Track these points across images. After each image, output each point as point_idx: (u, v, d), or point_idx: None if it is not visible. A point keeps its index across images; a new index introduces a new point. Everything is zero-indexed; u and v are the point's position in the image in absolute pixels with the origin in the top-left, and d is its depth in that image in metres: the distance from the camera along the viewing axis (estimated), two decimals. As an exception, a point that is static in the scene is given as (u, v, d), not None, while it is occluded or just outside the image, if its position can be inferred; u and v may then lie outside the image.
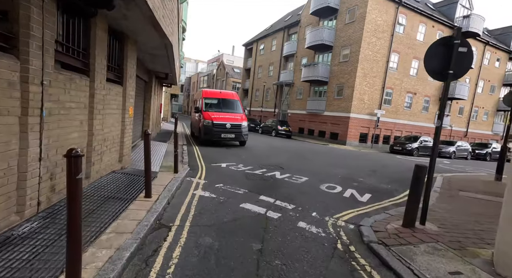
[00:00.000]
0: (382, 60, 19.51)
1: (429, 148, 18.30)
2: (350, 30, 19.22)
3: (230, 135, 10.55)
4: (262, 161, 8.29)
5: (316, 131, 22.25)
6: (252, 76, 33.93)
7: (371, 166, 9.69)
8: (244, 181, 5.47)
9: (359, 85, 18.85)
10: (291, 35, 27.14)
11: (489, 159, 21.22)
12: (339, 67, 20.23)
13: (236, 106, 11.81)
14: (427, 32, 21.34)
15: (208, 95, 11.64)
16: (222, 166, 6.88)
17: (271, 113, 28.91)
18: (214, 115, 10.54)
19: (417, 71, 21.78)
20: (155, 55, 6.65)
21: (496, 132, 29.92)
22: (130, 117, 5.17)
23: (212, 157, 8.24)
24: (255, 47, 33.78)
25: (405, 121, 22.07)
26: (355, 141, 19.59)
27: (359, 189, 5.74)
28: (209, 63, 58.95)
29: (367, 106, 19.63)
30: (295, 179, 6.08)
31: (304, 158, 9.90)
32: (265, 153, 10.23)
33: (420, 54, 21.41)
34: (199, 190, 4.56)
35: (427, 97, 23.12)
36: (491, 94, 28.20)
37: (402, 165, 11.35)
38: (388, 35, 19.34)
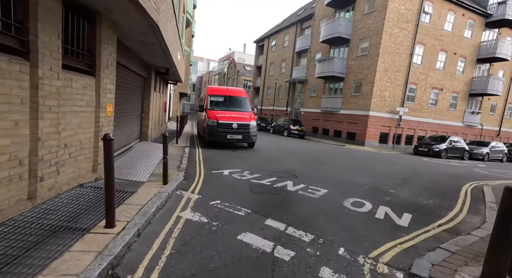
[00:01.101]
0: (405, 53, 17.80)
1: (459, 149, 16.55)
2: (370, 20, 17.64)
3: (237, 136, 9.51)
4: (272, 166, 7.18)
5: (332, 131, 20.81)
6: (264, 74, 32.78)
7: (400, 172, 8.33)
8: (248, 195, 4.39)
9: (379, 80, 17.27)
10: (304, 29, 25.75)
11: (527, 161, 19.02)
12: (357, 61, 18.69)
13: (244, 104, 10.75)
14: (456, 22, 19.34)
15: (214, 92, 10.65)
16: (224, 174, 5.83)
17: (283, 112, 27.67)
18: (219, 114, 9.54)
19: (444, 65, 19.83)
20: (146, 44, 5.70)
21: (533, 131, 27.15)
22: (109, 116, 4.22)
23: (215, 161, 7.22)
24: (266, 43, 32.60)
25: (429, 120, 20.19)
26: (374, 141, 18.03)
27: (393, 206, 4.51)
28: (220, 61, 58.35)
29: (388, 104, 18.00)
30: (312, 192, 4.93)
31: (321, 162, 8.69)
32: (275, 156, 9.11)
33: (447, 45, 19.50)
34: (187, 210, 3.52)
35: (455, 94, 21.07)
36: (527, 90, 25.52)
37: (435, 170, 9.87)
38: (412, 26, 17.60)
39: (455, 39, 19.69)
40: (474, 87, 21.49)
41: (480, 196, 6.08)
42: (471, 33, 20.40)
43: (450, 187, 6.80)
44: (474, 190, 6.68)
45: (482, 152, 17.33)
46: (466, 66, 20.93)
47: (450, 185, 7.07)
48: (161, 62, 7.96)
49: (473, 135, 22.95)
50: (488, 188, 6.76)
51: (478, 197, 5.98)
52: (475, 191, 6.63)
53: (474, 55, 21.00)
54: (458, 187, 7.01)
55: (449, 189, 6.59)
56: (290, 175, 6.27)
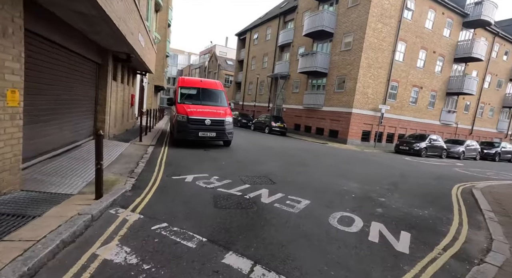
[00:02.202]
0: (388, 49, 17.50)
1: (438, 147, 16.59)
2: (354, 14, 17.09)
3: (210, 133, 8.44)
4: (247, 169, 6.24)
5: (314, 129, 20.26)
6: (245, 68, 31.64)
7: (387, 175, 7.73)
8: (209, 213, 3.40)
9: (362, 77, 16.84)
10: (287, 23, 24.88)
11: (498, 159, 19.65)
12: (340, 56, 18.15)
13: (219, 98, 9.68)
14: (436, 20, 19.37)
15: (186, 84, 9.47)
16: (187, 181, 4.79)
17: (265, 108, 26.80)
18: (190, 109, 8.41)
19: (424, 63, 19.87)
20: (87, 17, 4.47)
21: (501, 130, 28.47)
22: (11, 106, 3.03)
23: (180, 163, 6.14)
24: (248, 36, 31.40)
25: (410, 118, 20.24)
26: (357, 139, 17.68)
27: (387, 221, 3.74)
28: (201, 55, 56.25)
29: (371, 101, 17.67)
30: (291, 204, 4.04)
31: (302, 164, 7.87)
32: (253, 157, 8.18)
33: (428, 44, 19.50)
34: (113, 242, 2.46)
35: (434, 92, 21.29)
36: (498, 90, 26.59)
37: (419, 171, 9.44)
38: (395, 21, 17.29)
39: (435, 37, 19.75)
40: (451, 86, 21.84)
41: (472, 202, 5.58)
42: (449, 32, 20.59)
43: (440, 192, 6.26)
44: (464, 194, 6.21)
45: (458, 150, 17.56)
46: (444, 65, 21.17)
47: (439, 189, 6.54)
48: (116, 45, 6.67)
49: (449, 133, 23.47)
50: (478, 192, 6.30)
51: (471, 203, 5.47)
52: (465, 195, 6.15)
53: (451, 54, 21.27)
54: (447, 190, 6.52)
55: (440, 194, 6.04)
56: (266, 180, 5.35)
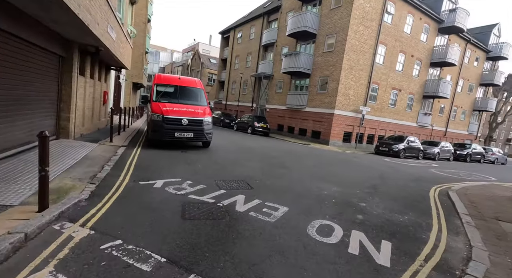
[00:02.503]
0: (369, 51, 17.80)
1: (415, 149, 17.09)
2: (336, 16, 17.21)
3: (188, 134, 7.99)
4: (225, 172, 5.89)
5: (297, 129, 20.23)
6: (229, 67, 31.16)
7: (367, 177, 7.68)
8: (174, 226, 3.02)
9: (344, 78, 17.00)
10: (271, 22, 24.72)
11: (469, 160, 20.64)
12: (323, 58, 18.22)
13: (199, 97, 9.24)
14: (414, 25, 20.00)
15: (162, 81, 8.94)
16: (156, 186, 4.37)
17: (249, 108, 26.49)
18: (166, 108, 7.91)
19: (403, 67, 20.46)
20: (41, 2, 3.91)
21: (471, 132, 30.06)
22: None
23: (151, 166, 5.68)
24: (232, 35, 30.95)
25: (389, 120, 20.76)
26: (338, 141, 17.83)
27: (368, 230, 3.55)
28: (184, 52, 54.92)
29: (352, 103, 17.90)
30: (268, 212, 3.75)
31: (283, 166, 7.64)
32: (233, 158, 7.83)
33: (406, 48, 20.09)
34: (46, 268, 2.01)
35: (411, 95, 22.01)
36: (469, 94, 28.03)
37: (398, 172, 9.54)
38: (376, 25, 17.62)
39: (413, 42, 20.39)
40: (427, 90, 22.68)
41: (449, 205, 5.60)
42: (426, 37, 21.36)
43: (418, 194, 6.26)
44: (441, 197, 6.26)
45: (434, 151, 18.21)
46: (421, 69, 21.94)
47: (418, 191, 6.55)
48: (81, 36, 6.06)
49: (425, 135, 24.38)
50: (455, 195, 6.37)
51: (448, 206, 5.48)
52: (442, 197, 6.21)
53: (428, 58, 22.09)
54: (425, 192, 6.56)
55: (418, 196, 6.03)
56: (244, 185, 5.04)
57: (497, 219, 4.76)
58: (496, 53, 27.70)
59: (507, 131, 57.07)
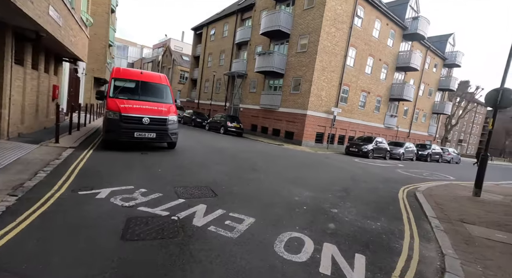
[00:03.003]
0: (340, 54, 18.14)
1: (382, 149, 17.72)
2: (309, 17, 17.26)
3: (149, 134, 7.21)
4: (189, 177, 5.30)
5: (270, 130, 20.02)
6: (202, 65, 30.12)
7: (339, 179, 7.56)
8: (109, 251, 2.41)
9: (317, 79, 17.11)
10: (245, 20, 24.28)
11: (429, 159, 22.05)
12: (296, 58, 18.20)
13: (164, 93, 8.46)
14: (382, 30, 20.86)
15: (121, 76, 8.02)
16: (98, 197, 3.66)
17: (222, 107, 25.78)
18: (124, 105, 7.06)
19: (372, 70, 21.24)
20: None
21: (431, 133, 32.37)
22: None
23: (101, 172, 4.90)
24: (205, 32, 29.96)
25: (359, 121, 21.43)
26: (311, 141, 17.93)
27: (341, 242, 3.24)
28: (154, 48, 52.31)
29: (324, 104, 18.11)
30: (231, 225, 3.28)
31: (254, 169, 7.21)
32: (200, 161, 7.23)
33: (375, 52, 20.86)
34: None
35: (379, 97, 22.97)
36: (429, 98, 30.12)
37: (368, 173, 9.64)
38: (347, 27, 18.00)
39: (381, 46, 21.27)
40: (393, 93, 23.85)
41: (417, 207, 5.60)
42: (392, 43, 22.42)
43: (388, 196, 6.22)
44: (409, 198, 6.30)
45: (399, 152, 19.11)
46: (388, 73, 22.99)
47: (387, 193, 6.53)
48: (10, 15, 5.06)
49: (391, 136, 25.65)
50: (421, 196, 6.45)
51: (417, 208, 5.47)
52: (411, 199, 6.25)
53: (394, 63, 23.23)
54: (394, 194, 6.57)
55: (388, 198, 5.97)
56: (208, 192, 4.51)
57: (462, 221, 4.78)
58: (451, 60, 30.11)
59: (459, 133, 62.80)
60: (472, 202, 6.44)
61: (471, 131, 65.79)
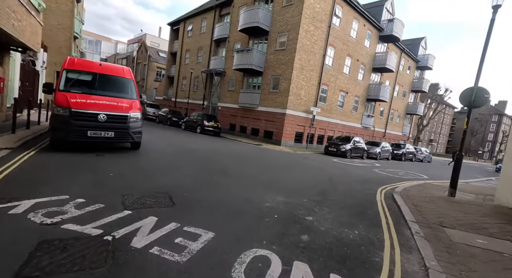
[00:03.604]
0: (319, 52, 18.02)
1: (360, 149, 17.81)
2: (288, 14, 16.94)
3: (106, 133, 6.35)
4: (144, 183, 4.59)
5: (249, 129, 19.48)
6: (179, 62, 28.90)
7: (317, 181, 7.17)
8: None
9: (296, 78, 16.83)
10: (223, 16, 23.53)
11: (403, 158, 22.67)
12: (275, 56, 17.81)
13: (126, 88, 7.59)
14: (359, 30, 21.09)
15: (76, 67, 7.04)
16: (13, 212, 2.86)
17: (200, 106, 24.83)
18: (76, 99, 6.15)
19: (350, 70, 21.41)
20: None
21: (405, 133, 33.56)
22: None
23: (33, 178, 4.05)
24: (182, 27, 28.77)
25: (337, 121, 21.52)
26: (290, 141, 17.63)
27: (314, 259, 2.75)
28: (129, 43, 49.80)
29: (304, 103, 17.89)
30: (182, 244, 2.66)
31: (224, 172, 6.61)
32: (163, 164, 6.50)
33: (352, 52, 21.03)
34: None
35: (357, 97, 23.26)
36: (403, 99, 31.17)
37: (346, 173, 9.40)
38: (325, 26, 17.91)
39: (358, 47, 21.50)
40: (370, 93, 24.28)
41: (396, 210, 5.33)
42: (369, 44, 22.79)
43: (366, 199, 5.91)
44: (387, 200, 6.05)
45: (376, 151, 19.39)
46: (365, 73, 23.35)
47: (365, 195, 6.23)
48: None
49: (368, 136, 26.15)
50: (399, 198, 6.22)
51: (396, 211, 5.19)
52: (388, 201, 5.99)
53: (370, 64, 23.64)
54: (372, 195, 6.29)
55: (366, 201, 5.65)
56: (164, 200, 3.85)
57: (441, 224, 4.53)
58: (423, 63, 31.39)
59: (430, 133, 66.32)
60: (448, 203, 6.31)
61: (440, 132, 69.80)
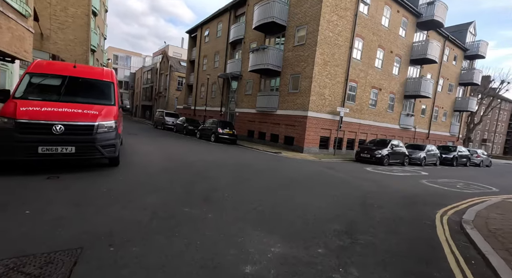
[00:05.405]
0: (344, 45, 15.72)
1: (400, 154, 15.04)
2: (306, 4, 15.03)
3: (65, 148, 5.01)
4: (69, 224, 3.02)
5: (268, 135, 17.66)
6: (197, 69, 28.36)
7: (342, 205, 5.07)
8: None
9: (318, 75, 14.72)
10: (238, 17, 22.35)
11: (455, 164, 18.96)
12: (293, 52, 15.92)
13: (103, 92, 6.34)
14: (392, 18, 18.31)
15: (43, 70, 5.96)
16: None
17: (218, 112, 23.71)
18: (25, 107, 4.93)
19: (382, 63, 18.63)
20: None
21: (453, 133, 28.99)
22: None
23: None
24: (199, 34, 28.31)
25: (370, 122, 18.74)
26: (314, 147, 15.41)
27: None
28: (154, 56, 51.56)
29: (328, 103, 15.63)
30: None
31: (207, 197, 4.86)
32: (131, 187, 4.98)
33: (385, 43, 18.29)
34: None
35: (392, 94, 20.23)
36: (449, 94, 26.97)
37: (386, 190, 7.08)
38: (351, 15, 15.62)
39: (391, 36, 18.68)
40: (408, 89, 21.05)
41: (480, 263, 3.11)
42: (405, 33, 19.78)
43: (421, 237, 3.74)
44: (457, 239, 3.82)
45: (420, 156, 16.30)
46: (401, 66, 20.28)
47: (417, 229, 4.04)
48: None
49: (407, 138, 22.70)
50: (478, 236, 3.91)
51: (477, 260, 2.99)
52: (459, 241, 3.77)
53: (407, 55, 20.52)
54: (430, 230, 4.06)
55: (423, 243, 3.49)
56: (57, 266, 2.22)
57: None
58: (473, 51, 26.96)
59: (482, 132, 58.04)
60: None
61: (496, 130, 60.77)
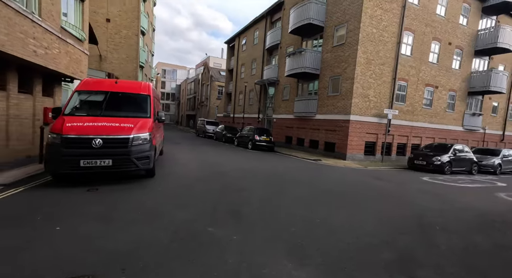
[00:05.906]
0: (391, 41, 14.19)
1: (465, 160, 12.87)
2: (346, 1, 14.04)
3: (103, 161, 5.23)
4: (78, 248, 2.97)
5: (307, 141, 16.82)
6: (235, 77, 28.95)
7: (390, 228, 4.18)
8: None
9: (360, 75, 13.51)
10: (274, 22, 22.18)
11: (542, 171, 15.38)
12: (332, 53, 14.97)
13: (139, 105, 6.59)
14: (449, 5, 16.03)
15: (90, 88, 6.47)
16: None
17: (255, 119, 23.66)
18: (71, 123, 5.30)
19: (438, 58, 16.35)
20: None
21: (537, 134, 23.88)
22: None
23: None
24: (237, 43, 28.96)
25: (424, 124, 16.50)
26: (358, 153, 14.08)
27: None
28: (197, 67, 54.65)
29: (374, 105, 14.20)
30: None
31: (236, 213, 4.49)
32: (161, 201, 4.92)
33: (441, 34, 16.07)
34: None
35: (453, 92, 17.57)
36: (530, 88, 22.38)
37: (450, 207, 5.83)
38: (398, 7, 14.08)
39: (449, 26, 16.32)
40: (473, 84, 18.06)
41: None
42: (466, 20, 17.13)
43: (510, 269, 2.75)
44: None
45: (494, 163, 13.65)
46: (463, 59, 17.54)
47: (503, 262, 3.00)
48: None
49: (474, 141, 19.41)
50: None
51: None
52: None
53: (471, 46, 17.68)
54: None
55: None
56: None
57: None
58: (561, 34, 22.03)
59: None
60: None
61: None
